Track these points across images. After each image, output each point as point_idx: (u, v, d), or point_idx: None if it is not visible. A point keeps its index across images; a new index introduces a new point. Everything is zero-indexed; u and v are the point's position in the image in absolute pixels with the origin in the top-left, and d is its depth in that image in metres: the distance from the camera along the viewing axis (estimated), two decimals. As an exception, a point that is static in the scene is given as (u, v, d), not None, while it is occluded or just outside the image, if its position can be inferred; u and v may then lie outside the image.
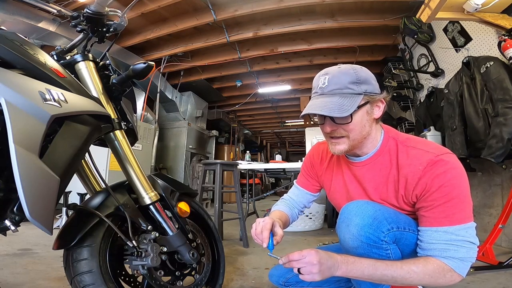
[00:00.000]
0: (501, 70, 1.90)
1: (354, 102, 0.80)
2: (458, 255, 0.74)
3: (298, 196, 1.18)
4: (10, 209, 0.71)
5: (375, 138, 0.90)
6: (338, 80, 0.82)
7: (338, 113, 0.79)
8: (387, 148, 0.89)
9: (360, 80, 0.83)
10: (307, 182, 1.17)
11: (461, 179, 0.77)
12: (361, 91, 0.82)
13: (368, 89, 0.83)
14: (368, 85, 0.84)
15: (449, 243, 0.74)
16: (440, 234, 0.75)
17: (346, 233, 0.83)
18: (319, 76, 0.87)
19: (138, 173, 0.97)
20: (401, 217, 0.83)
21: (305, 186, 1.17)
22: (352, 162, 0.96)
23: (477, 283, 1.49)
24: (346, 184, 0.99)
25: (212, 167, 2.51)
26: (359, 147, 0.89)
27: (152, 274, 0.92)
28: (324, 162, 1.10)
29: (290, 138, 12.19)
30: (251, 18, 3.69)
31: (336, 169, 1.05)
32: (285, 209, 1.14)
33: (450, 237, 0.74)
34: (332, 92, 0.82)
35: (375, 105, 0.87)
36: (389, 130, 0.93)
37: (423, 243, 0.79)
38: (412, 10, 3.05)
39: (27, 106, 0.65)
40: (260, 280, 1.54)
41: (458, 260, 0.74)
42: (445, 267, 0.74)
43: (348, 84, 0.82)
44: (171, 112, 5.70)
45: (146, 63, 0.96)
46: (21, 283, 1.39)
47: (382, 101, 0.87)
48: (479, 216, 2.43)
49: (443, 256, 0.74)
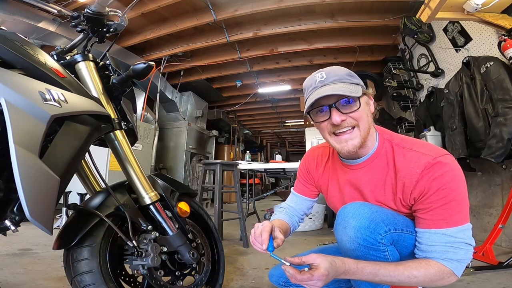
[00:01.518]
0: (501, 70, 1.90)
1: (357, 89, 0.82)
2: (457, 257, 0.74)
3: (297, 203, 1.15)
4: (10, 209, 0.71)
5: (373, 136, 0.90)
6: (335, 73, 0.84)
7: (350, 93, 0.79)
8: (383, 150, 0.88)
9: (353, 75, 0.86)
10: (304, 188, 1.14)
11: (458, 181, 0.77)
12: (358, 82, 0.85)
13: (360, 83, 0.86)
14: (359, 80, 0.87)
15: (448, 245, 0.75)
16: (438, 236, 0.76)
17: (343, 235, 0.83)
18: (314, 74, 0.87)
19: (138, 173, 0.97)
20: (398, 219, 0.83)
21: (303, 192, 1.15)
22: (348, 165, 0.95)
23: (477, 283, 1.49)
24: (341, 188, 0.98)
25: (212, 167, 2.51)
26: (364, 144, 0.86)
27: (152, 274, 0.92)
28: (320, 166, 1.08)
29: (290, 138, 12.19)
30: (251, 18, 3.69)
31: (331, 174, 1.03)
32: (284, 217, 1.10)
33: (449, 239, 0.75)
34: (333, 81, 0.83)
35: (369, 98, 0.89)
36: (383, 132, 0.92)
37: (422, 245, 0.79)
38: (412, 10, 3.05)
39: (27, 106, 0.65)
40: (260, 280, 1.54)
41: (457, 262, 0.75)
42: (446, 269, 0.74)
43: (346, 76, 0.84)
44: (171, 112, 5.70)
45: (146, 63, 0.96)
46: (21, 283, 1.39)
47: (371, 97, 0.90)
48: (479, 216, 2.43)
49: (442, 258, 0.75)
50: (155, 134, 4.77)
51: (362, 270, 0.74)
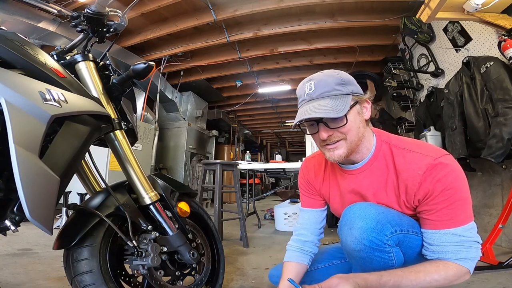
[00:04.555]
0: (501, 70, 1.90)
1: (345, 103, 0.79)
2: (470, 255, 0.75)
3: (310, 219, 1.10)
4: (10, 209, 0.71)
5: (369, 141, 0.88)
6: (324, 83, 0.81)
7: (333, 114, 0.77)
8: (381, 152, 0.87)
9: (345, 81, 0.82)
10: (310, 200, 1.10)
11: (461, 181, 0.77)
12: (349, 92, 0.82)
13: (354, 90, 0.83)
14: (353, 85, 0.84)
15: (460, 245, 0.75)
16: (449, 237, 0.76)
17: (348, 236, 0.82)
18: (304, 83, 0.86)
19: (138, 173, 0.97)
20: (404, 219, 0.83)
21: (311, 205, 1.10)
22: (346, 170, 0.94)
23: (477, 283, 1.49)
24: (342, 195, 0.98)
25: (212, 167, 2.51)
26: (355, 152, 0.86)
27: (152, 274, 0.92)
28: (319, 176, 1.06)
29: (290, 138, 12.18)
30: (251, 18, 3.69)
31: (332, 181, 1.02)
32: (296, 255, 1.04)
33: (460, 239, 0.75)
34: (321, 95, 0.81)
35: (363, 106, 0.86)
36: (380, 134, 0.91)
37: (433, 246, 0.78)
38: (412, 10, 3.05)
39: (27, 106, 0.65)
40: (260, 280, 1.54)
41: (470, 261, 0.76)
42: (463, 269, 0.75)
43: (335, 86, 0.81)
44: (171, 112, 5.71)
45: (146, 63, 0.96)
46: (21, 283, 1.39)
47: (368, 101, 0.87)
48: (479, 216, 2.43)
49: (457, 258, 0.75)
50: (155, 134, 4.77)
51: (385, 285, 0.74)
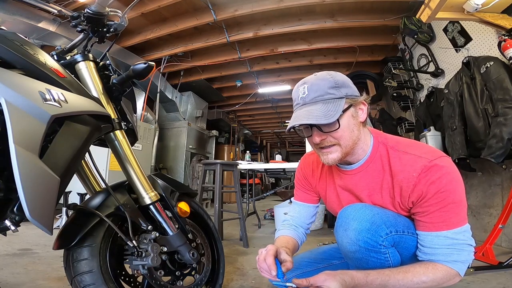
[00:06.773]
0: (501, 70, 1.90)
1: (338, 107, 0.79)
2: (461, 258, 0.75)
3: (301, 212, 1.11)
4: (10, 209, 0.71)
5: (365, 143, 0.88)
6: (317, 87, 0.81)
7: (325, 119, 0.77)
8: (378, 154, 0.87)
9: (339, 84, 0.82)
10: (305, 195, 1.12)
11: (456, 184, 0.77)
12: (342, 95, 0.81)
13: (349, 92, 0.82)
14: (348, 88, 0.83)
15: (451, 247, 0.75)
16: (441, 239, 0.76)
17: (343, 237, 0.82)
18: (298, 87, 0.86)
19: (138, 173, 0.97)
20: (399, 220, 0.82)
21: (304, 199, 1.12)
22: (343, 170, 0.94)
23: (477, 283, 1.49)
24: (338, 194, 0.98)
25: (212, 167, 2.51)
26: (351, 154, 0.86)
27: (152, 274, 0.92)
28: (316, 172, 1.07)
29: (290, 138, 12.18)
30: (251, 18, 3.69)
31: (328, 179, 1.02)
32: (289, 232, 1.05)
33: (452, 241, 0.75)
34: (314, 100, 0.81)
35: (358, 108, 0.85)
36: (378, 135, 0.91)
37: (426, 248, 0.78)
38: (412, 10, 3.05)
39: (27, 106, 0.65)
40: (260, 280, 1.54)
41: (461, 263, 0.75)
42: (452, 271, 0.75)
43: (328, 90, 0.80)
44: (171, 112, 5.71)
45: (147, 63, 0.96)
46: (21, 283, 1.39)
47: (364, 103, 0.86)
48: (479, 216, 2.42)
49: (447, 261, 0.75)
50: (155, 134, 4.77)
51: (372, 283, 0.74)
